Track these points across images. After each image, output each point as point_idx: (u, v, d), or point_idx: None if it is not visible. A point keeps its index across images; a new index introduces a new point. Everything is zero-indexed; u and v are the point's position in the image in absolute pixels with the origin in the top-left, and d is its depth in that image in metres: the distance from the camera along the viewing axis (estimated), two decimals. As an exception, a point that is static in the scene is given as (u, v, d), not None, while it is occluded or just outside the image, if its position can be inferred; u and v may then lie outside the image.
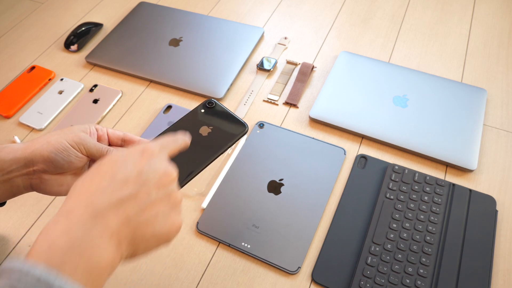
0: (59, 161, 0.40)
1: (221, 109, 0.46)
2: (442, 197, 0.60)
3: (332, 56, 0.83)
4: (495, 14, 0.88)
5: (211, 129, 0.44)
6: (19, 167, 0.39)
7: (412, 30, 0.86)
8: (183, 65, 0.81)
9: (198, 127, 0.44)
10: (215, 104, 0.46)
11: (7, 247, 0.61)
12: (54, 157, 0.39)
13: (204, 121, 0.45)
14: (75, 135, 0.41)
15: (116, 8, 0.97)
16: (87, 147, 0.41)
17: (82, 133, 0.42)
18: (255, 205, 0.61)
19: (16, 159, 0.39)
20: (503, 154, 0.67)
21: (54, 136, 0.40)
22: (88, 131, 0.43)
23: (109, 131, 0.45)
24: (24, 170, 0.40)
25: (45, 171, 0.40)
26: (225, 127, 0.44)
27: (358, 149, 0.68)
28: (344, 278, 0.55)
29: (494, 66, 0.79)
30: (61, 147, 0.40)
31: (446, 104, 0.71)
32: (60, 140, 0.40)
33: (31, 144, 0.40)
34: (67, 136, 0.40)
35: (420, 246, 0.56)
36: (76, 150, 0.40)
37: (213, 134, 0.44)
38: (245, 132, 0.44)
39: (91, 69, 0.85)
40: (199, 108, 0.46)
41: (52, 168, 0.40)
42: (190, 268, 0.57)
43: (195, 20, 0.89)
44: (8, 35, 0.93)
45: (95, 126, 0.44)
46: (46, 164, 0.40)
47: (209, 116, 0.45)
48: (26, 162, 0.39)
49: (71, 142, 0.40)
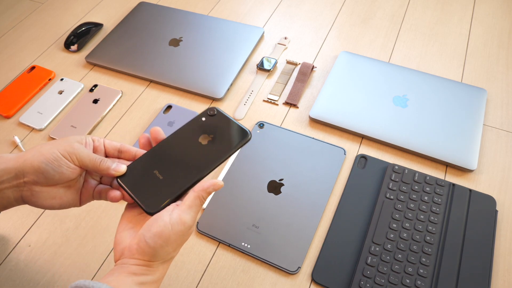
0: (49, 172, 0.38)
1: (223, 117, 0.44)
2: (442, 197, 0.60)
3: (332, 56, 0.83)
4: (495, 14, 0.88)
5: (211, 137, 0.43)
6: (9, 178, 0.39)
7: (412, 30, 0.86)
8: (183, 65, 0.81)
9: (197, 136, 0.43)
10: (217, 112, 0.45)
11: (7, 247, 0.61)
12: (44, 167, 0.38)
13: (204, 129, 0.44)
14: (68, 145, 0.40)
15: (116, 8, 0.97)
16: (80, 157, 0.40)
17: (76, 143, 0.40)
18: (255, 205, 0.61)
19: (8, 169, 0.38)
20: (503, 154, 0.67)
21: (47, 146, 0.40)
22: (84, 141, 0.42)
23: (106, 142, 0.44)
24: (14, 181, 0.39)
25: (36, 183, 0.39)
26: (227, 135, 0.43)
27: (358, 149, 0.68)
28: (344, 278, 0.55)
29: (494, 66, 0.79)
30: (52, 157, 0.38)
31: (446, 104, 0.71)
32: (51, 150, 0.39)
33: (23, 154, 0.39)
34: (60, 146, 0.39)
35: (420, 246, 0.56)
36: (68, 160, 0.39)
37: (213, 142, 0.43)
38: (248, 140, 0.43)
39: (91, 69, 0.85)
40: (200, 116, 0.45)
41: (42, 179, 0.39)
42: (190, 268, 0.57)
43: (195, 20, 0.89)
44: (8, 35, 0.93)
45: (91, 137, 0.43)
46: (37, 175, 0.39)
47: (210, 124, 0.44)
48: (16, 173, 0.39)
49: (63, 152, 0.39)
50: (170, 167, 0.41)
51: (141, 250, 0.36)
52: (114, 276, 0.36)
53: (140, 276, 0.36)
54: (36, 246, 0.61)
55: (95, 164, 0.40)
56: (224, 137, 0.43)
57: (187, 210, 0.38)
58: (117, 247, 0.38)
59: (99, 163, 0.40)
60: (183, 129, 0.44)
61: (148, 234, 0.36)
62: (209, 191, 0.39)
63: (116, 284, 0.35)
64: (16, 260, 0.60)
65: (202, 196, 0.39)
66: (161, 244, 0.36)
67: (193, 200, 0.38)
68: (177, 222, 0.37)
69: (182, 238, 0.38)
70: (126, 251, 0.37)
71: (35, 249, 0.60)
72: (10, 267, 0.59)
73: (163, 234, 0.36)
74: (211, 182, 0.39)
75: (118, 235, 0.39)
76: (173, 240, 0.37)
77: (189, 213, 0.37)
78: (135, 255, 0.37)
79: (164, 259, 0.38)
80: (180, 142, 0.43)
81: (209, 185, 0.39)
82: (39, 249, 0.60)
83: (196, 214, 0.38)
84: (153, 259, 0.37)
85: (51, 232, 0.62)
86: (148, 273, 0.37)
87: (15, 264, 0.59)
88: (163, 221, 0.37)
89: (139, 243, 0.37)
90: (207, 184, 0.39)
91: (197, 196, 0.38)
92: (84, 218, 0.63)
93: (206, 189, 0.39)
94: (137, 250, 0.37)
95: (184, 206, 0.38)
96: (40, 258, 0.60)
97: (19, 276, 0.58)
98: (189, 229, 0.38)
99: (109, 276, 0.36)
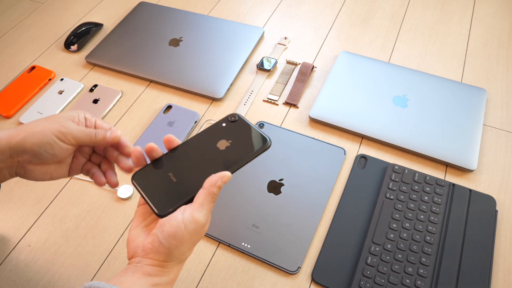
0: (43, 154, 0.39)
1: (243, 123, 0.44)
2: (442, 197, 0.60)
3: (332, 56, 0.83)
4: (495, 14, 0.88)
5: (230, 143, 0.42)
6: (4, 158, 0.39)
7: (412, 30, 0.86)
8: (183, 65, 0.81)
9: (216, 141, 0.43)
10: (238, 118, 0.44)
11: (7, 247, 0.61)
12: (37, 150, 0.39)
13: (223, 135, 0.43)
14: (61, 125, 0.40)
15: (116, 8, 0.97)
16: (75, 136, 0.40)
17: (69, 121, 0.40)
18: (255, 205, 0.61)
19: (1, 149, 0.39)
20: (503, 154, 0.67)
21: (39, 126, 0.39)
22: (77, 119, 0.42)
23: (98, 122, 0.44)
24: (9, 160, 0.39)
25: (30, 162, 0.40)
26: (245, 141, 0.43)
27: (358, 149, 0.68)
28: (344, 278, 0.55)
29: (494, 66, 0.79)
30: (45, 140, 0.39)
31: (446, 104, 0.71)
32: (45, 132, 0.39)
33: (15, 133, 0.39)
34: (52, 127, 0.39)
35: (420, 246, 0.56)
36: (62, 141, 0.40)
37: (231, 148, 0.42)
38: (267, 147, 0.42)
39: (91, 69, 0.85)
40: (221, 122, 0.44)
41: (36, 160, 0.40)
42: (190, 268, 0.57)
43: (195, 20, 0.89)
44: (8, 35, 0.93)
45: (84, 115, 0.43)
46: (30, 156, 0.39)
47: (230, 130, 0.44)
48: (11, 153, 0.39)
49: (57, 133, 0.39)
50: (184, 171, 0.41)
51: (156, 250, 0.36)
52: (128, 276, 0.36)
53: (154, 277, 0.36)
54: (36, 246, 0.61)
55: (91, 137, 0.41)
56: (242, 143, 0.42)
57: (199, 208, 0.37)
58: (130, 245, 0.38)
59: (94, 135, 0.41)
60: (202, 134, 0.44)
61: (161, 235, 0.36)
62: (219, 184, 0.38)
63: (129, 285, 0.35)
64: (16, 260, 0.60)
65: (213, 192, 0.38)
66: (176, 245, 0.36)
67: (204, 197, 0.38)
68: (190, 221, 0.36)
69: (196, 237, 0.37)
70: (139, 250, 0.37)
71: (35, 249, 0.60)
72: (10, 267, 0.59)
73: (177, 235, 0.36)
74: (219, 175, 0.38)
75: (132, 232, 0.39)
76: (187, 240, 0.36)
77: (201, 211, 0.37)
78: (150, 254, 0.36)
79: (179, 259, 0.38)
80: (198, 146, 0.43)
81: (217, 178, 0.38)
82: (39, 249, 0.60)
83: (209, 212, 0.38)
84: (168, 260, 0.37)
85: (51, 232, 0.62)
86: (163, 274, 0.36)
87: (15, 264, 0.59)
88: (176, 220, 0.36)
89: (153, 243, 0.36)
90: (215, 178, 0.38)
91: (207, 192, 0.38)
92: (84, 218, 0.63)
93: (215, 184, 0.38)
94: (151, 250, 0.36)
95: (196, 204, 0.37)
96: (40, 258, 0.60)
97: (19, 276, 0.58)
98: (203, 227, 0.37)
99: (122, 276, 0.36)
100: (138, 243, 0.37)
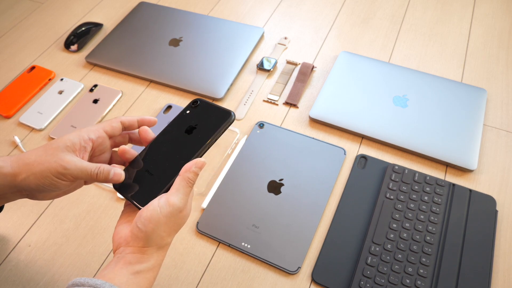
0: (46, 190, 0.40)
1: (205, 104, 0.46)
2: (442, 197, 0.60)
3: (332, 56, 0.83)
4: (495, 14, 0.88)
5: (195, 126, 0.44)
6: (13, 192, 0.41)
7: (412, 30, 0.86)
8: (183, 65, 0.81)
9: (183, 128, 0.44)
10: (200, 102, 0.46)
11: (7, 247, 0.61)
12: (42, 189, 0.39)
13: (189, 121, 0.45)
14: (60, 164, 0.38)
15: (116, 8, 0.97)
16: (74, 174, 0.39)
17: (68, 156, 0.39)
18: (255, 205, 0.61)
19: (7, 185, 0.40)
20: (503, 154, 0.67)
21: (39, 166, 0.39)
22: (78, 145, 0.40)
23: (124, 120, 0.45)
24: (18, 193, 0.41)
25: (38, 193, 0.41)
26: (210, 120, 0.44)
27: (358, 149, 0.68)
28: (344, 278, 0.55)
29: (494, 66, 0.79)
30: (47, 182, 0.39)
31: (446, 104, 0.71)
32: (44, 173, 0.38)
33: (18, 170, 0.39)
34: (52, 167, 0.38)
35: (420, 246, 0.56)
36: (62, 180, 0.39)
37: (198, 130, 0.44)
38: (231, 120, 0.44)
39: (91, 69, 0.85)
40: (185, 110, 0.46)
41: (44, 192, 0.41)
42: (190, 268, 0.57)
43: (195, 20, 0.89)
44: (8, 35, 0.93)
45: (88, 136, 0.41)
46: (36, 192, 0.40)
47: (194, 115, 0.45)
48: (18, 189, 0.40)
49: (56, 174, 0.38)
50: (159, 164, 0.42)
51: (135, 236, 0.38)
52: (110, 268, 0.37)
53: (135, 265, 0.37)
54: (36, 246, 0.61)
55: (92, 177, 0.40)
56: (208, 123, 0.44)
57: (175, 192, 0.39)
58: (115, 238, 0.39)
59: (96, 175, 0.40)
60: (169, 126, 0.45)
61: (139, 220, 0.38)
62: (193, 170, 0.40)
63: (111, 276, 0.36)
64: (16, 260, 0.60)
65: (188, 177, 0.39)
66: (153, 228, 0.37)
67: (179, 182, 0.39)
68: (165, 204, 0.38)
69: (174, 221, 0.39)
70: (122, 241, 0.39)
71: (35, 249, 0.60)
72: (10, 267, 0.59)
73: (152, 218, 0.37)
74: (193, 161, 0.40)
75: (117, 228, 0.40)
76: (164, 223, 0.38)
77: (176, 195, 0.39)
78: (130, 242, 0.38)
79: (158, 245, 0.39)
80: (168, 138, 0.44)
81: (191, 164, 0.40)
82: (39, 249, 0.60)
83: (185, 196, 0.39)
84: (147, 245, 0.38)
85: (51, 232, 0.62)
86: (143, 261, 0.38)
87: (15, 264, 0.59)
88: (153, 205, 0.38)
89: (132, 230, 0.38)
90: (190, 164, 0.40)
91: (182, 178, 0.39)
92: (84, 218, 0.63)
93: (189, 169, 0.40)
94: (131, 237, 0.38)
95: (172, 189, 0.39)
96: (40, 258, 0.60)
97: (19, 276, 0.58)
98: (180, 211, 0.39)
99: (105, 269, 0.37)
100: (122, 235, 0.39)
